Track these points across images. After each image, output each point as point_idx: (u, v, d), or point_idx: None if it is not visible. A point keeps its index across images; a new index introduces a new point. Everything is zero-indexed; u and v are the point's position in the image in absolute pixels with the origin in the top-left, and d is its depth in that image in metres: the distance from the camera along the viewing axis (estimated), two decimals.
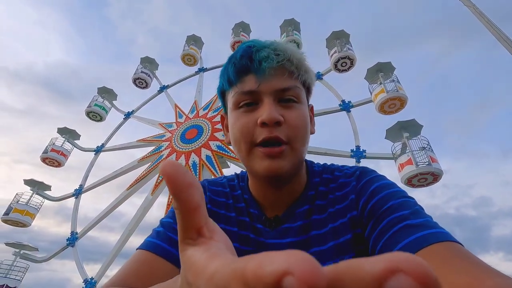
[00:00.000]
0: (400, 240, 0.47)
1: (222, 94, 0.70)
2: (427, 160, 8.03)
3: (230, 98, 0.65)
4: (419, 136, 8.67)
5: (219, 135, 9.87)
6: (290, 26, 12.73)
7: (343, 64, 11.28)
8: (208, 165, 9.25)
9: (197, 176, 9.20)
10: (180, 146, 10.15)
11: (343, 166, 0.73)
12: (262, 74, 0.59)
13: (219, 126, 10.18)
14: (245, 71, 0.61)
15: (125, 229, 9.85)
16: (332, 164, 0.74)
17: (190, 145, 9.99)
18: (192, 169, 9.38)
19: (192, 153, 9.74)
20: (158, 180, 9.89)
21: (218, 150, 9.46)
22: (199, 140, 9.99)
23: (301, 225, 0.64)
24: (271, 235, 0.65)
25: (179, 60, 14.22)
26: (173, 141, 10.48)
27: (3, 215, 10.97)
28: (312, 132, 0.68)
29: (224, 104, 0.71)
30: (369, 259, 0.13)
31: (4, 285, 9.94)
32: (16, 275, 10.36)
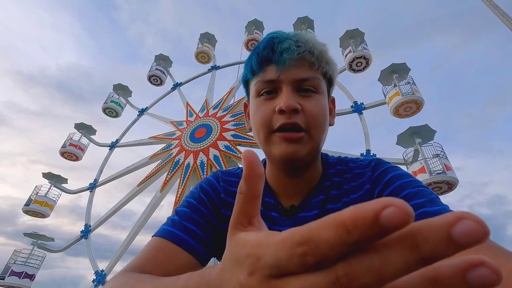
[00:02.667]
0: None
1: (246, 83, 0.73)
2: (441, 168, 7.62)
3: (252, 86, 0.67)
4: (432, 142, 8.23)
5: (227, 135, 9.85)
6: (304, 24, 12.40)
7: (358, 64, 10.89)
8: (216, 165, 9.26)
9: (204, 175, 9.24)
10: (189, 145, 10.22)
11: (357, 158, 0.74)
12: (282, 65, 0.61)
13: (227, 126, 10.16)
14: (266, 61, 0.63)
15: (134, 225, 10.10)
16: (346, 157, 0.76)
17: (199, 144, 10.04)
18: (199, 169, 9.44)
19: (201, 153, 9.78)
20: (167, 178, 10.03)
21: (226, 150, 9.44)
22: (208, 139, 10.00)
23: (317, 214, 0.65)
24: (287, 223, 0.66)
25: (188, 60, 14.54)
26: (183, 139, 10.57)
27: (24, 206, 11.56)
28: (331, 124, 0.70)
29: (248, 93, 0.74)
30: (438, 216, 0.15)
31: (23, 272, 10.50)
32: (34, 264, 10.87)
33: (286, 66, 0.61)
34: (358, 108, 9.68)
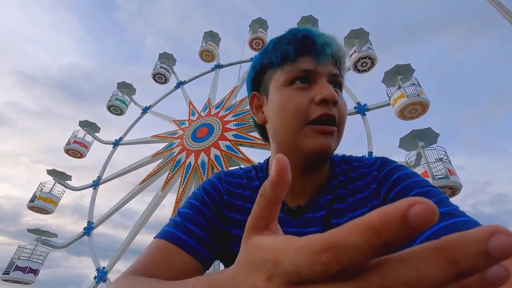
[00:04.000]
0: None
1: (261, 71, 0.70)
2: (444, 173, 7.47)
3: (279, 75, 0.64)
4: (435, 145, 8.07)
5: (229, 135, 9.80)
6: (308, 23, 12.23)
7: (363, 64, 10.72)
8: (217, 165, 9.23)
9: (205, 176, 9.22)
10: (190, 145, 10.21)
11: (361, 157, 0.73)
12: (322, 57, 0.61)
13: (229, 125, 10.10)
14: (303, 51, 0.63)
15: (135, 223, 10.16)
16: (350, 156, 0.75)
17: (200, 143, 10.01)
18: (200, 168, 9.42)
19: (202, 152, 9.76)
20: (168, 178, 10.04)
21: (227, 150, 9.39)
22: (209, 139, 9.97)
23: (324, 215, 0.64)
24: (293, 224, 0.65)
25: (189, 60, 14.50)
26: (185, 139, 10.56)
27: (29, 202, 11.73)
28: None
29: (256, 83, 0.72)
30: (470, 230, 0.15)
31: (27, 267, 10.68)
32: (38, 259, 11.05)
33: (323, 59, 0.61)
34: (361, 109, 9.52)
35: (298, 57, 0.63)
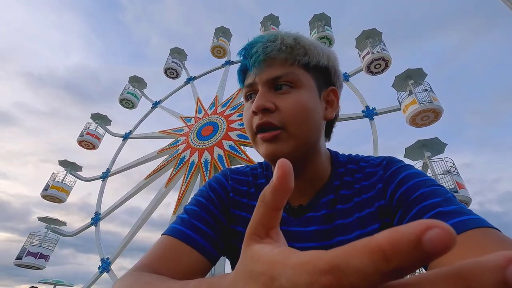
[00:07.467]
0: None
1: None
2: (452, 186, 7.09)
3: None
4: (442, 156, 7.65)
5: (233, 134, 9.72)
6: (320, 21, 11.84)
7: (377, 66, 10.27)
8: (219, 164, 9.20)
9: (208, 175, 9.23)
10: (195, 142, 10.22)
11: (368, 156, 0.72)
12: (252, 68, 0.63)
13: (234, 125, 10.03)
14: (245, 69, 0.66)
15: (139, 218, 10.39)
16: (357, 155, 0.74)
17: (205, 142, 10.01)
18: (203, 167, 9.43)
19: (205, 151, 9.76)
20: (172, 174, 10.14)
21: (230, 150, 9.34)
22: (213, 138, 9.95)
23: (325, 214, 0.64)
24: (295, 223, 0.65)
25: (191, 59, 14.17)
26: (190, 136, 10.59)
27: (42, 191, 12.21)
28: (328, 118, 0.67)
29: None
30: (485, 256, 0.14)
31: (38, 253, 11.20)
32: (48, 246, 11.57)
33: (260, 68, 0.62)
34: (369, 113, 9.16)
35: (245, 75, 0.67)
